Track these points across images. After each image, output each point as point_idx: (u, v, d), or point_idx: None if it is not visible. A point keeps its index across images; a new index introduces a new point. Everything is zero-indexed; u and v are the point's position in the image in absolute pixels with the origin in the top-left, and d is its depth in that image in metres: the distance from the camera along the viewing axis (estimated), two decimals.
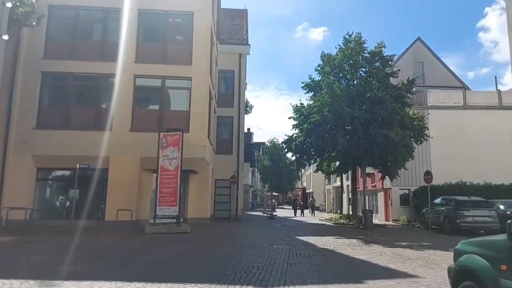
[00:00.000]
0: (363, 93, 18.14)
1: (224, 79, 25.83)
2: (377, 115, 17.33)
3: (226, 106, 24.79)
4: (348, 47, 19.30)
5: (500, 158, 23.39)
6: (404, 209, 23.40)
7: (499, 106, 24.49)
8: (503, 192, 20.51)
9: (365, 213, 17.55)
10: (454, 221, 15.64)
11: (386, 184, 24.93)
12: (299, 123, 19.18)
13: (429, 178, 17.50)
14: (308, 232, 16.13)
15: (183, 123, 16.91)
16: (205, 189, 19.36)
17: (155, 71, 17.42)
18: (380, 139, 16.69)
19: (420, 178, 23.45)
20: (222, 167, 23.84)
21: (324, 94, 17.74)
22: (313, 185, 53.87)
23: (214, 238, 13.21)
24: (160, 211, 14.80)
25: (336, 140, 16.95)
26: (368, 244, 12.21)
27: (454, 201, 16.44)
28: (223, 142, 24.99)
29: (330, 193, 43.96)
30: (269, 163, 63.62)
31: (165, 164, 14.87)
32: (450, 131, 23.43)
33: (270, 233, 15.39)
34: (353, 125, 17.37)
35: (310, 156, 19.89)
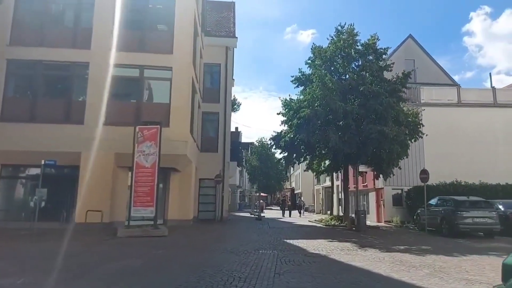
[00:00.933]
0: (356, 86, 17.08)
1: (210, 73, 24.53)
2: (371, 110, 16.28)
3: (212, 102, 23.51)
4: (340, 39, 18.23)
5: (495, 157, 22.68)
6: (397, 209, 22.46)
7: (493, 103, 23.77)
8: (499, 192, 19.75)
9: (358, 214, 16.48)
10: (452, 222, 14.66)
11: (378, 184, 23.99)
12: (288, 118, 18.00)
13: (426, 177, 16.51)
14: (298, 235, 14.96)
15: (163, 116, 15.59)
16: (187, 189, 18.04)
17: (133, 60, 16.05)
18: (374, 135, 15.64)
19: (413, 177, 22.62)
20: (207, 166, 22.56)
21: (315, 87, 16.60)
22: (302, 185, 52.88)
23: (193, 242, 11.91)
24: (135, 212, 13.43)
25: (328, 136, 15.83)
26: (364, 249, 11.09)
27: (452, 201, 15.47)
28: (208, 140, 23.68)
29: (319, 194, 43.00)
30: (258, 163, 62.42)
31: (141, 160, 13.51)
32: (444, 129, 22.61)
33: (257, 236, 14.16)
34: (345, 120, 16.27)
35: (300, 154, 18.73)
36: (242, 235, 14.64)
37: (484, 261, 9.12)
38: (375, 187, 24.33)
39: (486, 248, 11.55)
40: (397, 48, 31.03)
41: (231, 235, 14.35)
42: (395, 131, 15.58)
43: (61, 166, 15.01)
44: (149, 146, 13.54)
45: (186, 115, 15.94)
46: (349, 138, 16.22)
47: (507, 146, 22.95)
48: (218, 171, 22.65)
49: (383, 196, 23.19)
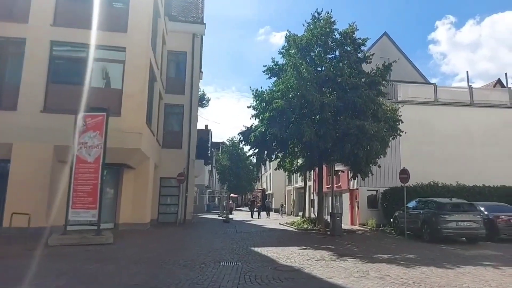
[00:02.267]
0: (333, 78, 15.60)
1: (175, 62, 22.43)
2: (350, 103, 14.83)
3: (177, 93, 21.45)
4: (317, 26, 16.69)
5: (471, 158, 21.99)
6: (372, 212, 21.26)
7: (470, 103, 23.13)
8: (477, 194, 18.90)
9: (334, 217, 14.97)
10: (435, 226, 13.42)
11: (352, 185, 22.75)
12: (260, 111, 16.26)
13: (406, 177, 15.27)
14: (267, 241, 13.23)
15: (114, 104, 13.46)
16: (143, 189, 15.96)
17: (79, 38, 13.81)
18: (353, 130, 14.19)
19: (390, 177, 21.54)
20: (170, 163, 20.48)
21: (289, 76, 14.96)
22: (273, 186, 51.42)
23: (141, 252, 9.90)
24: (74, 216, 11.24)
25: (302, 130, 14.21)
26: (343, 258, 9.51)
27: (434, 203, 14.27)
28: (171, 135, 21.58)
29: (291, 195, 41.62)
30: (228, 162, 60.41)
31: (83, 154, 11.32)
32: (420, 128, 21.64)
33: (220, 243, 12.31)
34: (322, 114, 14.73)
35: (271, 150, 17.02)
36: (203, 241, 12.73)
37: (483, 274, 7.75)
38: (350, 187, 23.09)
39: (476, 257, 10.29)
40: (372, 45, 30.05)
41: (190, 242, 12.41)
42: (375, 127, 14.20)
43: None
44: (93, 137, 11.38)
45: (141, 103, 13.85)
46: (325, 133, 14.70)
47: (483, 147, 22.35)
48: (182, 170, 20.62)
49: (357, 198, 21.94)
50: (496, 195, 18.89)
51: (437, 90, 23.24)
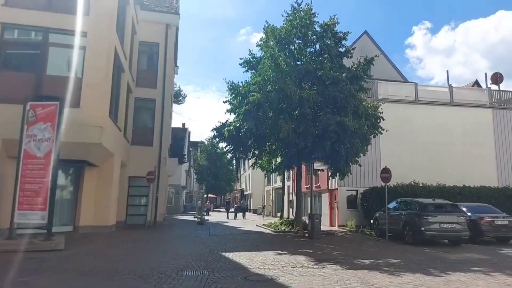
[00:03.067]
0: (313, 71, 14.76)
1: (147, 53, 21.12)
2: (330, 98, 14.02)
3: (148, 87, 20.16)
4: (297, 17, 15.81)
5: (451, 157, 21.68)
6: (352, 213, 20.60)
7: (450, 102, 22.85)
8: (457, 194, 18.52)
9: (312, 218, 14.10)
10: (417, 228, 12.76)
11: (332, 184, 22.05)
12: (235, 106, 15.24)
13: (388, 176, 14.60)
14: (241, 245, 12.20)
15: (73, 94, 12.13)
16: (107, 188, 14.67)
17: (34, 20, 12.42)
18: (333, 127, 13.37)
19: (370, 177, 20.96)
20: (140, 162, 19.19)
21: (266, 67, 14.01)
22: (252, 186, 50.42)
23: (94, 260, 8.70)
24: (21, 218, 9.90)
25: (280, 126, 13.28)
26: (322, 265, 8.62)
27: (416, 204, 13.62)
28: (142, 131, 20.27)
29: (270, 195, 40.74)
30: (206, 162, 59.09)
31: (31, 148, 10.00)
32: (401, 127, 21.13)
33: (189, 247, 11.21)
34: (301, 108, 13.87)
35: (247, 147, 15.99)
36: (170, 246, 11.61)
37: (476, 283, 7.00)
38: (329, 187, 22.39)
39: (463, 261, 9.61)
40: (352, 44, 29.55)
41: (155, 247, 11.25)
42: (356, 123, 13.44)
43: None
44: (43, 129, 10.06)
45: (103, 94, 12.57)
46: (304, 130, 13.83)
47: (463, 147, 22.08)
48: (153, 168, 19.35)
49: (337, 198, 21.24)
50: (477, 196, 18.58)
51: (417, 89, 22.85)
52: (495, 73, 25.03)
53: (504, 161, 22.45)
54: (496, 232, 13.45)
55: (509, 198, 18.81)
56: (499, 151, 22.53)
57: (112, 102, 14.08)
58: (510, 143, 22.65)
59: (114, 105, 14.70)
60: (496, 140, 22.60)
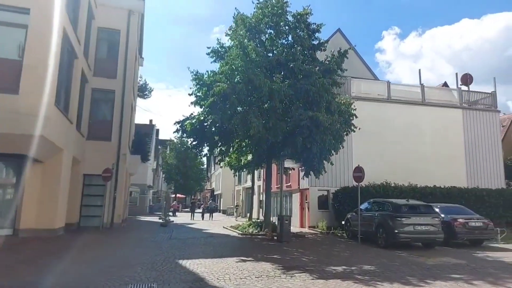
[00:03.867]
0: (284, 63, 13.82)
1: (106, 41, 19.46)
2: (302, 91, 13.10)
3: (107, 77, 18.54)
4: (268, 4, 14.80)
5: (422, 157, 21.43)
6: (323, 213, 19.87)
7: (422, 101, 22.65)
8: (428, 195, 18.18)
9: (282, 220, 13.13)
10: (391, 231, 12.08)
11: (303, 184, 21.26)
12: (200, 97, 14.03)
13: (360, 175, 13.88)
14: (202, 250, 11.02)
15: (10, 78, 10.56)
16: (54, 187, 13.12)
17: None
18: (305, 122, 12.47)
19: (342, 176, 20.34)
20: (96, 158, 17.62)
21: (234, 55, 12.91)
22: (222, 186, 49.10)
23: (15, 273, 7.28)
24: None
25: (249, 121, 12.21)
26: (290, 273, 7.63)
27: (389, 205, 12.96)
28: (99, 125, 18.66)
29: (240, 195, 39.63)
30: (175, 161, 57.13)
31: None
32: (373, 125, 20.62)
33: (142, 254, 9.93)
34: (271, 102, 12.86)
35: (213, 143, 14.77)
36: (121, 253, 10.28)
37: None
38: (300, 187, 21.59)
39: (440, 267, 8.93)
40: (325, 41, 29.08)
41: (103, 255, 9.90)
42: (330, 119, 12.61)
43: None
44: None
45: (47, 79, 11.00)
46: (275, 125, 12.84)
47: (434, 147, 21.91)
48: (111, 165, 17.80)
49: (308, 198, 20.45)
50: (447, 196, 18.33)
51: (390, 88, 22.48)
52: (465, 74, 25.12)
53: (473, 161, 22.49)
54: (469, 235, 13.01)
55: (479, 198, 18.71)
56: (469, 151, 22.56)
57: (60, 90, 12.52)
58: (479, 144, 22.73)
59: (63, 94, 13.14)
60: (466, 141, 22.62)
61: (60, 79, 12.30)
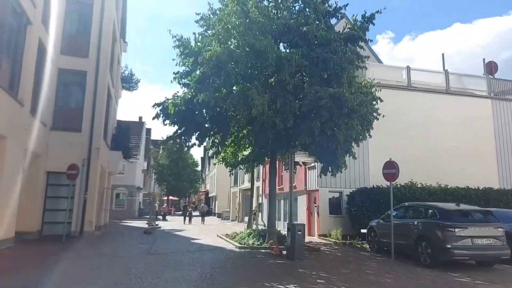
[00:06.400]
0: (295, 28, 10.74)
1: (76, 13, 16.31)
2: (319, 61, 10.04)
3: (77, 55, 15.39)
4: None
5: (446, 154, 18.43)
6: (335, 219, 16.80)
7: (446, 90, 19.70)
8: (461, 197, 15.18)
9: (294, 231, 9.98)
10: (440, 245, 9.04)
11: (310, 184, 18.20)
12: (186, 72, 10.94)
13: (394, 172, 10.83)
14: (185, 275, 7.85)
15: None
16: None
17: None
18: (325, 102, 9.39)
19: (357, 175, 17.33)
20: (64, 152, 14.46)
21: (230, 12, 9.84)
22: (217, 187, 45.85)
23: None
24: None
25: (251, 99, 9.13)
26: None
27: (436, 210, 9.89)
28: (67, 112, 15.49)
29: (236, 197, 36.48)
30: (167, 161, 53.77)
31: None
32: (391, 117, 17.55)
33: (99, 279, 6.79)
34: (279, 75, 9.80)
35: (204, 130, 11.50)
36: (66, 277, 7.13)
37: None
38: (307, 188, 18.51)
39: None
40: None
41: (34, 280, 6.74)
42: (358, 97, 9.60)
43: None
44: None
45: None
46: (284, 106, 9.77)
47: (459, 142, 18.93)
48: (81, 161, 14.67)
49: (317, 201, 17.38)
50: (484, 199, 15.41)
51: (410, 73, 19.50)
52: (489, 61, 22.29)
53: (505, 158, 19.54)
54: None
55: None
56: (500, 147, 19.61)
57: None
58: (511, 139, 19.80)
59: (4, 64, 9.96)
60: (496, 135, 19.68)
61: None
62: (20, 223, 12.24)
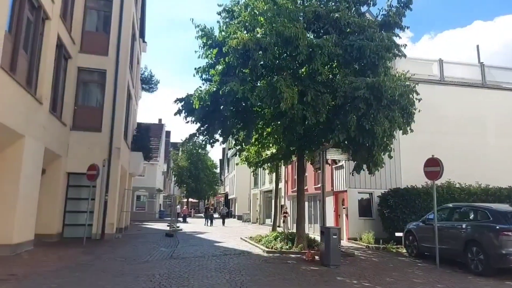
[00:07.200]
0: (326, 14, 9.95)
1: (95, 10, 16.00)
2: (354, 49, 9.21)
3: (96, 53, 15.05)
4: None
5: (484, 151, 17.20)
6: (365, 222, 15.85)
7: (482, 83, 18.44)
8: (505, 198, 14.06)
9: (328, 234, 9.13)
10: (496, 251, 8.06)
11: (338, 185, 17.29)
12: (209, 63, 10.31)
13: (438, 170, 9.83)
14: (213, 282, 7.16)
15: None
16: (10, 187, 9.52)
17: None
18: (362, 92, 8.56)
19: (387, 176, 16.32)
20: (84, 153, 14.13)
21: (258, 1, 9.13)
22: (236, 189, 45.24)
23: None
24: None
25: (279, 92, 8.40)
26: None
27: (488, 213, 8.89)
28: (87, 112, 15.13)
29: (256, 199, 35.75)
30: (186, 163, 53.58)
31: None
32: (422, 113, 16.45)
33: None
34: (310, 65, 9.04)
35: (227, 126, 10.76)
36: (90, 285, 6.54)
37: None
38: (334, 189, 17.60)
39: None
40: None
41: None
42: (401, 86, 8.76)
43: None
44: None
45: None
46: (315, 98, 8.99)
47: (499, 139, 17.65)
48: (102, 161, 14.29)
49: (345, 203, 16.46)
50: None
51: (443, 67, 18.35)
52: None
53: None
54: None
55: None
56: None
57: (15, 52, 8.99)
58: None
59: (21, 59, 9.56)
60: None
61: (15, 38, 8.82)
62: (40, 225, 11.90)
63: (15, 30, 8.99)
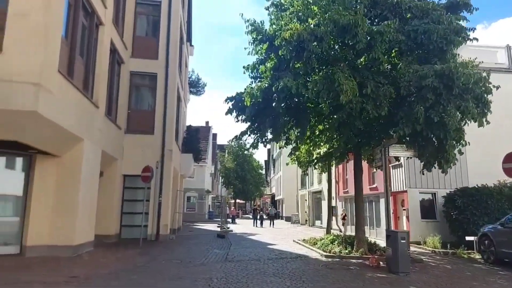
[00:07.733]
0: (384, 1, 9.19)
1: (145, 16, 16.35)
2: (418, 35, 8.38)
3: (147, 57, 15.32)
4: None
5: None
6: (428, 225, 14.66)
7: None
8: None
9: (395, 239, 8.35)
10: None
11: (396, 185, 16.20)
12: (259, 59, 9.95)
13: None
14: None
15: None
16: (71, 190, 9.78)
17: None
18: (430, 81, 7.74)
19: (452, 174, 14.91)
20: (138, 155, 14.38)
21: None
22: (283, 190, 44.67)
23: None
24: None
25: (338, 84, 7.82)
26: None
27: None
28: (139, 115, 15.45)
29: (305, 200, 34.98)
30: (233, 165, 54.04)
31: None
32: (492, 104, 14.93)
33: None
34: (370, 53, 8.36)
35: (279, 124, 10.25)
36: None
37: None
38: (391, 189, 16.49)
39: None
40: None
41: None
42: (473, 72, 7.83)
43: None
44: None
45: (43, 29, 7.58)
46: (376, 90, 8.28)
47: None
48: (155, 163, 14.48)
49: (405, 204, 15.36)
50: None
51: (511, 54, 16.59)
52: None
53: None
54: None
55: None
56: None
57: (72, 57, 9.22)
58: None
59: (79, 65, 9.82)
60: None
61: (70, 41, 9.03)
62: (99, 226, 12.22)
63: (70, 35, 9.22)
